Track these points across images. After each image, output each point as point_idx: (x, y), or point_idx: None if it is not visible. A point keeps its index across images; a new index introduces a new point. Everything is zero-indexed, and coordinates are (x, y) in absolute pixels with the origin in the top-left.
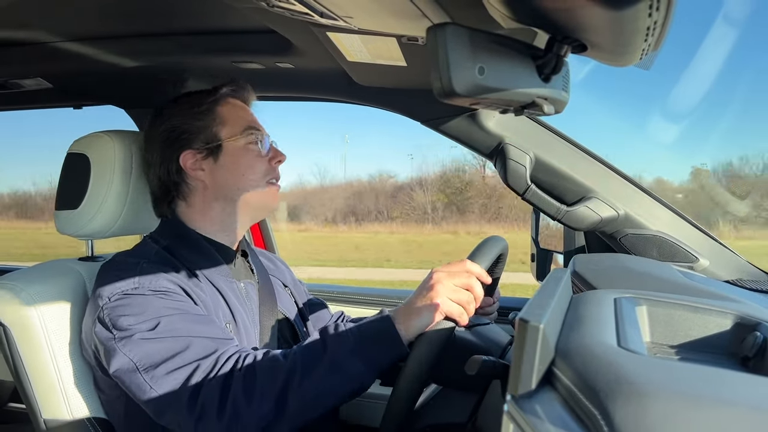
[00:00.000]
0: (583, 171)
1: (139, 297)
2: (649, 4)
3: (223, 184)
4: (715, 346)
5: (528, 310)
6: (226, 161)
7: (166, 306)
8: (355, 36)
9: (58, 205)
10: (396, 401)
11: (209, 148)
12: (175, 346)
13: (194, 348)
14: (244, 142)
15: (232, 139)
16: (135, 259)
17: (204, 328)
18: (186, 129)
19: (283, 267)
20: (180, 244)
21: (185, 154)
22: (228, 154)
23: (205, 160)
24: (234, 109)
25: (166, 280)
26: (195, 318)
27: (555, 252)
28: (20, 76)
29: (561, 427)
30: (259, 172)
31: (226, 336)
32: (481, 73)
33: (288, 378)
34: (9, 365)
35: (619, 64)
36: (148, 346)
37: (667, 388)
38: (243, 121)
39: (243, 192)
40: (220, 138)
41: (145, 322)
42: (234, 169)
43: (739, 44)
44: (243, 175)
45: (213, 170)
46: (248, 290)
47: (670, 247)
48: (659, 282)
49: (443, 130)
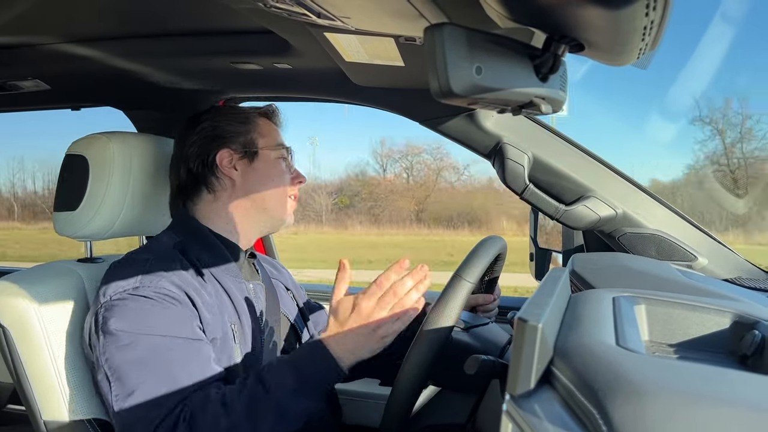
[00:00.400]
0: (581, 170)
1: (135, 301)
2: (645, 3)
3: (252, 186)
4: (714, 345)
5: (527, 310)
6: (260, 166)
7: (157, 324)
8: (352, 36)
9: (56, 206)
10: (395, 403)
11: (246, 151)
12: (145, 375)
13: (162, 385)
14: (276, 155)
15: (269, 149)
16: (144, 256)
17: (183, 359)
18: (229, 129)
19: (285, 271)
20: (193, 241)
21: (223, 151)
22: (262, 161)
23: (241, 160)
24: (270, 126)
25: (170, 283)
26: (179, 349)
27: (553, 251)
28: (18, 77)
29: (560, 426)
30: (285, 184)
31: (203, 369)
32: (479, 73)
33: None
34: (8, 367)
35: (616, 63)
36: (122, 362)
37: (666, 387)
38: (278, 138)
39: (268, 198)
40: (257, 145)
41: (132, 334)
42: (265, 174)
43: (736, 43)
44: (272, 182)
45: (246, 171)
46: (257, 291)
47: (669, 245)
48: (658, 281)
49: (441, 130)
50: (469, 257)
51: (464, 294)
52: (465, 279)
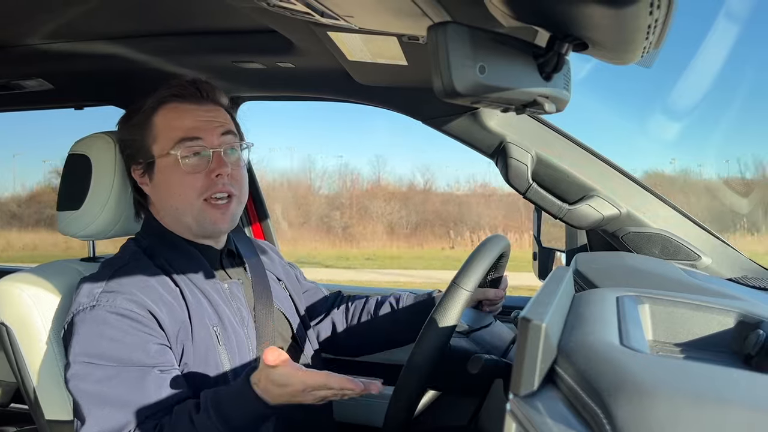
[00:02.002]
0: (584, 169)
1: (88, 324)
2: (650, 2)
3: (162, 202)
4: (718, 344)
5: (530, 309)
6: (159, 179)
7: (107, 353)
8: (355, 35)
9: (59, 205)
10: (395, 410)
11: (145, 165)
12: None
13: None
14: (174, 157)
15: (163, 155)
16: (113, 261)
17: (127, 390)
18: (127, 144)
19: (275, 256)
20: (161, 244)
21: (132, 168)
22: (159, 172)
23: (143, 177)
24: (171, 116)
25: (129, 300)
26: (127, 379)
27: (557, 250)
28: (22, 77)
29: (564, 425)
30: (192, 189)
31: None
32: (482, 72)
33: None
34: (11, 366)
35: (620, 62)
36: (76, 392)
37: (670, 387)
38: (177, 132)
39: (180, 212)
40: (152, 154)
41: (83, 364)
42: (166, 188)
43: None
44: (175, 194)
45: (152, 188)
46: (233, 290)
47: (673, 245)
48: (661, 280)
49: (444, 130)
50: (467, 263)
51: (462, 302)
52: (462, 287)
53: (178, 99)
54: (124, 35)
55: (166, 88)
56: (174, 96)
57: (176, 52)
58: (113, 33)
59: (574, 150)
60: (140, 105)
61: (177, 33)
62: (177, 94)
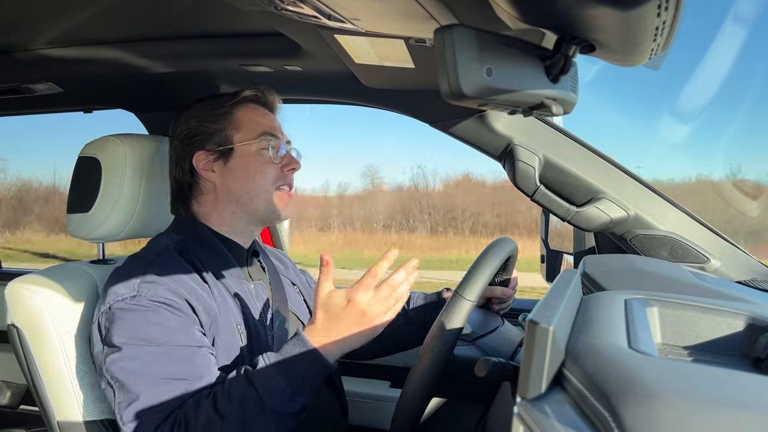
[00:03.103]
0: (592, 171)
1: (132, 311)
2: (657, 3)
3: (232, 187)
4: (727, 348)
5: (538, 312)
6: (236, 165)
7: (154, 335)
8: (362, 38)
9: (69, 208)
10: (401, 417)
11: (221, 151)
12: (146, 385)
13: (159, 395)
14: (256, 147)
15: (245, 143)
16: (143, 258)
17: (180, 368)
18: (201, 130)
19: (290, 264)
20: (193, 241)
21: (198, 154)
22: (239, 158)
23: (216, 162)
24: (252, 113)
25: (168, 290)
26: (176, 358)
27: (565, 253)
28: (32, 80)
29: (571, 429)
30: (269, 177)
31: (199, 376)
32: (489, 75)
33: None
34: (22, 367)
35: (627, 64)
36: (125, 374)
37: (679, 390)
38: (259, 127)
39: (251, 196)
40: (233, 141)
41: (131, 346)
42: (243, 172)
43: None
44: (252, 179)
45: (223, 173)
46: (258, 291)
47: (681, 247)
48: (670, 283)
49: (452, 132)
50: (470, 271)
51: (464, 313)
52: (465, 298)
53: (258, 102)
54: (132, 39)
55: (251, 89)
56: (256, 99)
57: (184, 55)
58: (121, 37)
59: (581, 152)
60: (219, 100)
61: (185, 36)
62: (259, 98)
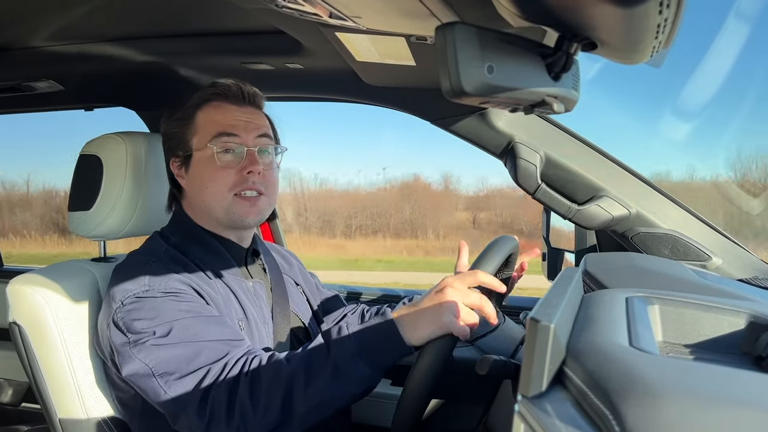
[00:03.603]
0: (594, 169)
1: (150, 300)
2: (659, 1)
3: (195, 195)
4: (729, 346)
5: (539, 310)
6: (194, 172)
7: (178, 309)
8: (363, 36)
9: (71, 206)
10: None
11: (183, 158)
12: (188, 351)
13: (205, 352)
14: (210, 151)
15: (201, 149)
16: (145, 258)
17: (215, 329)
18: (169, 136)
19: (295, 261)
20: (190, 241)
21: (172, 161)
22: (195, 165)
23: (181, 168)
24: (213, 113)
25: (177, 281)
26: (207, 320)
27: (566, 251)
28: (33, 78)
29: (572, 427)
30: (223, 184)
31: (237, 336)
32: (491, 72)
33: (292, 384)
34: (24, 365)
35: (629, 61)
36: (162, 352)
37: (680, 389)
38: (215, 127)
39: (208, 204)
40: (191, 148)
41: (159, 326)
42: (199, 180)
43: (752, 40)
44: (204, 188)
45: (187, 180)
46: (257, 289)
47: (683, 245)
48: (671, 281)
49: (453, 130)
50: (479, 260)
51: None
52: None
53: (221, 98)
54: (133, 36)
55: (212, 87)
56: (218, 95)
57: (185, 53)
58: (123, 34)
59: (583, 150)
60: (185, 101)
61: (186, 34)
62: (221, 93)
